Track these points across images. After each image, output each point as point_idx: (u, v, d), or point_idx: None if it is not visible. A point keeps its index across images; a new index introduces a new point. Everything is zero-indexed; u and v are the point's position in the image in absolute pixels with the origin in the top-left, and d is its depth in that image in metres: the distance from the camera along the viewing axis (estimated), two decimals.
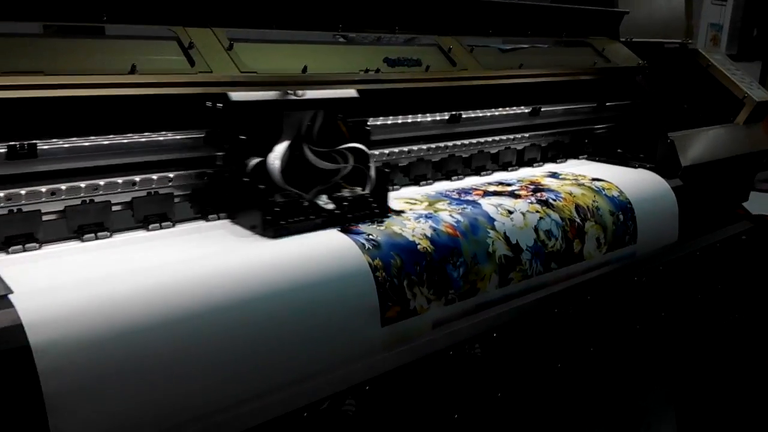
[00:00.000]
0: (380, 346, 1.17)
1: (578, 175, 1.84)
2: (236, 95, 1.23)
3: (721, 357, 2.07)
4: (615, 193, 1.77)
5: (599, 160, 2.05)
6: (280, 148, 1.24)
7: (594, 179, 1.81)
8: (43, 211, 1.09)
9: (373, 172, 1.33)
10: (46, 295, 0.88)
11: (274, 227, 1.17)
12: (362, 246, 1.22)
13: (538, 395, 1.34)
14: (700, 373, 2.04)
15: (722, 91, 2.27)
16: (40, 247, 1.08)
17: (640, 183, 1.86)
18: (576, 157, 2.07)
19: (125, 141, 1.15)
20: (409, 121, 1.61)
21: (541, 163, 1.96)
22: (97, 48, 1.12)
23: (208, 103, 1.24)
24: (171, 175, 1.21)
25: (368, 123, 1.44)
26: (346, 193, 1.32)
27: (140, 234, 1.18)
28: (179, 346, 0.91)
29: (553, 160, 1.99)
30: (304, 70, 1.31)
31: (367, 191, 1.32)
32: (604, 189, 1.77)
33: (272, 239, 1.17)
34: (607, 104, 2.10)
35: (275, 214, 1.18)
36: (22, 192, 1.07)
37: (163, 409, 0.89)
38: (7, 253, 1.05)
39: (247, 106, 1.25)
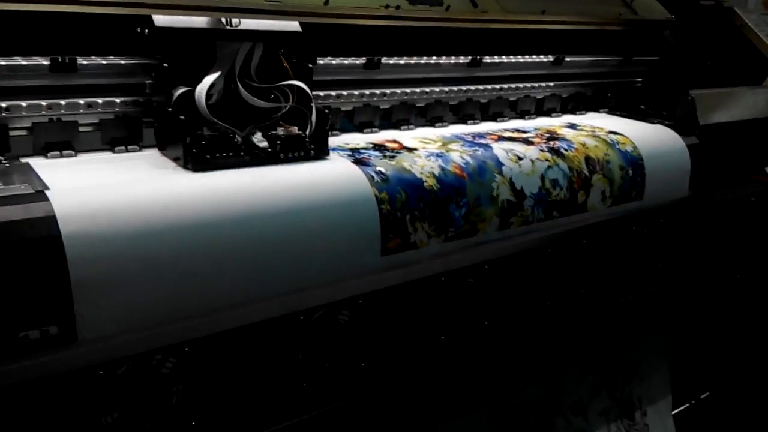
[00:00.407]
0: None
1: (596, 127, 1.88)
2: (162, 19, 1.17)
3: (717, 314, 2.12)
4: (628, 148, 1.80)
5: (620, 115, 2.07)
6: (208, 80, 1.17)
7: (610, 132, 1.84)
8: (80, 122, 1.20)
9: (314, 113, 1.26)
10: (78, 193, 0.99)
11: (196, 160, 1.13)
12: (371, 178, 1.30)
13: (526, 329, 1.42)
14: (695, 328, 2.10)
15: (754, 53, 2.25)
16: (75, 155, 1.19)
17: (655, 139, 1.89)
18: (597, 110, 2.09)
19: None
20: (432, 62, 1.66)
21: (560, 114, 1.99)
22: None
23: (138, 29, 1.19)
24: None
25: (315, 62, 1.37)
26: (280, 131, 1.24)
27: None
28: (194, 248, 1.02)
29: (573, 112, 2.02)
30: (326, 2, 1.37)
31: (307, 132, 1.25)
32: (618, 143, 1.80)
33: (193, 173, 1.13)
34: (635, 59, 2.10)
35: (200, 147, 1.13)
36: (62, 102, 1.17)
37: (174, 303, 1.00)
38: (46, 157, 1.16)
39: (175, 33, 1.19)
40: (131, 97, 1.23)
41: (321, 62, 1.45)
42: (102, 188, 1.02)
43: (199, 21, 1.22)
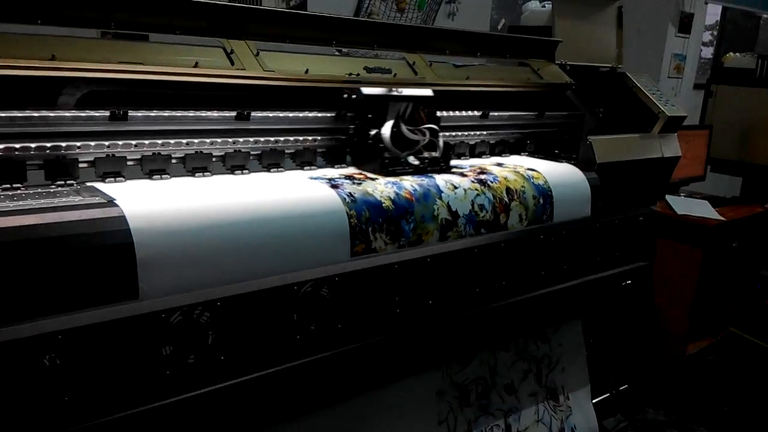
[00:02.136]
0: None
1: (517, 165, 2.37)
2: (366, 90, 1.96)
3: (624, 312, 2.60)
4: (541, 182, 2.29)
5: (537, 156, 2.58)
6: (388, 124, 1.96)
7: (528, 169, 2.33)
8: (128, 157, 1.63)
9: (441, 143, 2.04)
10: (136, 201, 1.41)
11: (385, 171, 1.91)
12: (344, 199, 1.74)
13: (463, 308, 1.86)
14: (608, 325, 2.57)
15: (642, 107, 2.81)
16: (124, 181, 1.62)
17: (562, 174, 2.38)
18: (519, 153, 2.61)
19: (181, 114, 1.69)
20: None
21: (488, 156, 2.49)
22: (172, 50, 1.67)
23: (345, 94, 1.95)
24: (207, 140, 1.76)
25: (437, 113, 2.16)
26: (425, 155, 2.00)
27: (190, 178, 1.72)
28: (217, 239, 1.44)
29: (499, 155, 2.53)
30: (306, 71, 1.86)
31: (437, 154, 2.02)
32: (533, 177, 2.29)
33: (384, 177, 1.89)
34: (547, 113, 2.64)
35: (386, 164, 1.91)
36: (116, 143, 1.61)
37: (207, 275, 1.41)
38: (104, 182, 1.58)
39: (372, 98, 1.96)
40: None
41: (300, 115, 1.92)
42: (153, 200, 1.45)
43: (381, 90, 1.98)
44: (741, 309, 3.96)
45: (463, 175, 2.14)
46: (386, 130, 1.93)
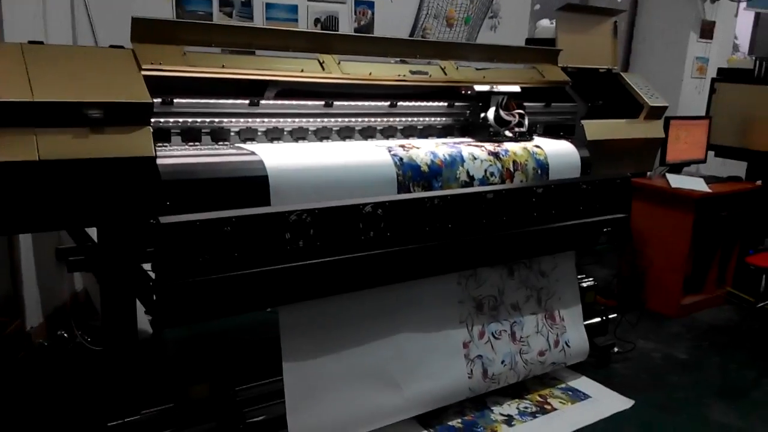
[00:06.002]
0: None
1: (529, 142, 3.20)
2: (478, 87, 3.06)
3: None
4: (541, 157, 3.12)
5: (545, 136, 3.41)
6: (491, 110, 3.04)
7: (535, 146, 3.17)
8: (258, 129, 2.59)
9: (526, 122, 3.10)
10: (266, 154, 2.36)
11: (489, 140, 3.02)
12: (395, 162, 2.64)
13: (472, 234, 2.73)
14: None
15: (631, 100, 3.60)
16: (256, 144, 2.57)
17: (558, 149, 3.20)
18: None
19: (289, 102, 2.64)
20: (422, 104, 3.03)
21: None
22: (285, 61, 2.62)
23: (463, 91, 3.07)
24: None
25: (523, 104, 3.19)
26: (516, 130, 3.09)
27: (294, 144, 2.67)
28: (318, 177, 2.38)
29: None
30: (370, 74, 2.78)
31: (524, 129, 3.09)
32: (536, 153, 3.13)
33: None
34: (553, 104, 3.46)
35: (491, 135, 3.02)
36: (251, 120, 2.57)
37: (311, 197, 2.35)
38: (244, 143, 2.54)
39: (481, 93, 3.06)
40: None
41: (366, 103, 2.84)
42: (275, 154, 2.40)
43: (485, 88, 3.04)
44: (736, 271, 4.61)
45: (482, 148, 3.00)
46: (490, 113, 3.05)
